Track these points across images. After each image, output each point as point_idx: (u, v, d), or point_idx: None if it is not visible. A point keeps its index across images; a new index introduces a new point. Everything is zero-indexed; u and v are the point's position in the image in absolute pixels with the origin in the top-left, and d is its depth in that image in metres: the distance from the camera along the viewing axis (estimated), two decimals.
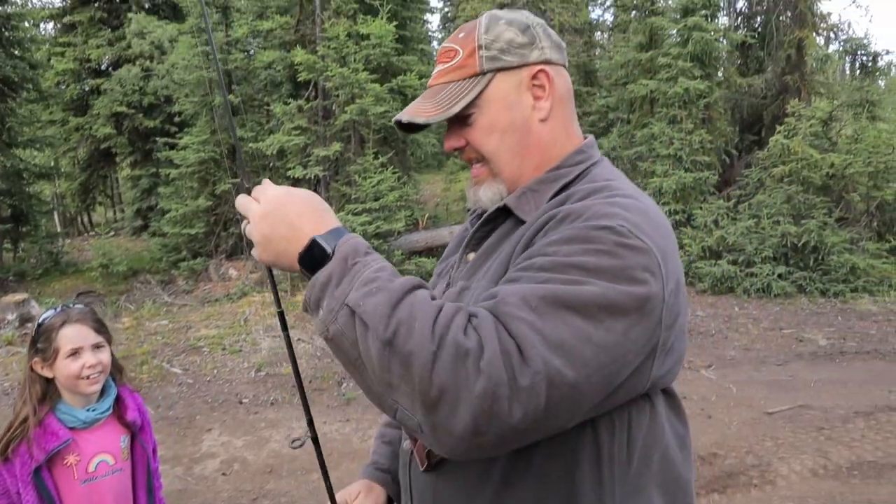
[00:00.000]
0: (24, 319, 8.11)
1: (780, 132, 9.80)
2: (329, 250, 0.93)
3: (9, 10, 11.63)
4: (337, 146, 9.90)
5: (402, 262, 9.51)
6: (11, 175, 11.60)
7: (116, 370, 2.03)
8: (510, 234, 1.12)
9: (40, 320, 1.93)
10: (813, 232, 8.97)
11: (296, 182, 11.44)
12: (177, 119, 12.79)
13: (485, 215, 1.18)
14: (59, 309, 1.94)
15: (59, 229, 14.98)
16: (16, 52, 11.49)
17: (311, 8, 10.90)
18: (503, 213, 1.15)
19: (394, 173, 9.68)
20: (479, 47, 1.12)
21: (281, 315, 1.21)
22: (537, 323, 0.83)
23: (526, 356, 0.80)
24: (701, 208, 10.03)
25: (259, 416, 5.73)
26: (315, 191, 9.89)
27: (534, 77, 1.13)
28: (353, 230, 10.03)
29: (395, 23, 10.03)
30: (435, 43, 22.77)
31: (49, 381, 1.89)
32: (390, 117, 9.95)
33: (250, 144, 10.58)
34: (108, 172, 16.72)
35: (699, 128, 10.55)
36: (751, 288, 8.98)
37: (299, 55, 9.68)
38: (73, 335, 1.88)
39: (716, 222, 9.80)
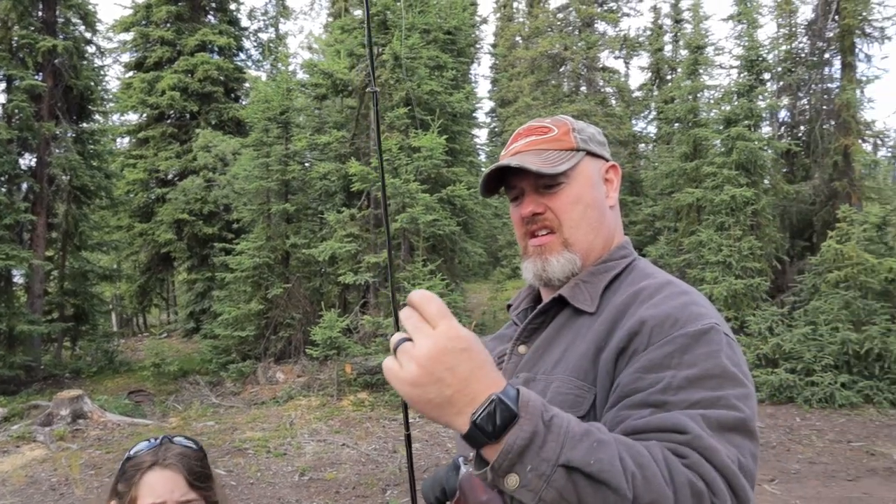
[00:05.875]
0: (77, 416, 8.26)
1: (832, 237, 9.66)
2: (515, 409, 0.81)
3: (93, 126, 12.71)
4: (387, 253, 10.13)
5: None
6: (78, 276, 12.24)
7: None
8: (570, 325, 1.15)
9: (131, 452, 1.51)
10: (876, 339, 8.61)
11: (346, 288, 11.72)
12: (234, 226, 13.41)
13: (538, 307, 1.22)
14: (156, 441, 1.51)
15: (115, 329, 15.46)
16: (94, 164, 12.41)
17: (367, 123, 11.56)
18: (557, 305, 1.19)
19: (442, 280, 9.81)
20: (573, 129, 1.24)
21: (408, 438, 1.13)
22: (730, 453, 0.89)
23: (735, 486, 0.87)
24: (754, 315, 9.80)
25: None
26: (365, 297, 10.06)
27: (607, 171, 1.26)
28: None
29: (445, 136, 10.49)
30: (483, 156, 23.66)
31: None
32: (440, 226, 10.23)
33: (303, 250, 10.95)
34: (165, 276, 17.44)
35: (748, 234, 10.50)
36: (812, 398, 8.56)
37: (354, 167, 10.16)
38: (158, 484, 1.43)
39: (770, 329, 9.52)
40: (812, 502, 5.58)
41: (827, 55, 12.08)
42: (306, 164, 12.24)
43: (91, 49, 13.16)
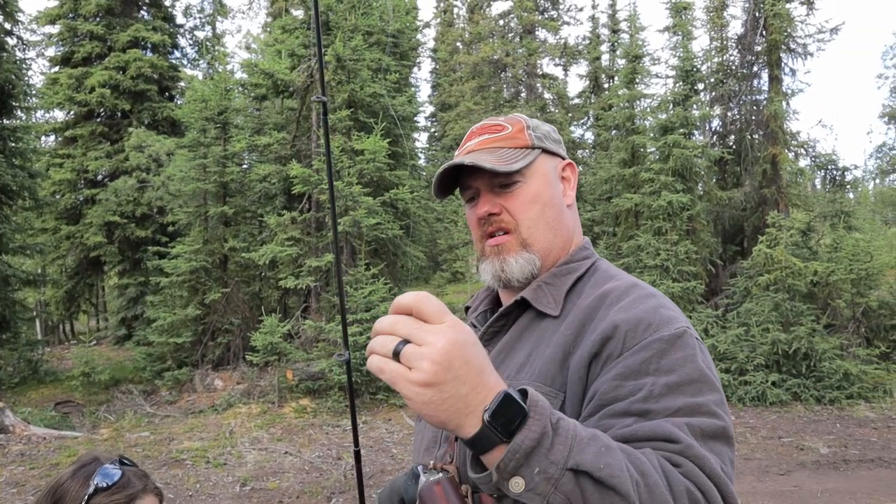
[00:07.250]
0: None
1: (762, 242, 10.08)
2: (525, 407, 0.78)
3: (15, 122, 12.02)
4: (329, 257, 9.99)
5: None
6: None
7: None
8: (533, 328, 1.13)
9: (99, 483, 1.34)
10: (803, 339, 9.02)
11: (286, 292, 11.48)
12: (169, 229, 12.94)
13: (500, 310, 1.19)
14: (111, 473, 1.37)
15: (40, 337, 14.68)
16: (16, 162, 11.74)
17: (308, 125, 11.37)
18: (518, 307, 1.16)
19: (385, 284, 9.73)
20: (528, 127, 1.20)
21: (357, 454, 1.07)
22: (717, 460, 0.89)
23: (726, 494, 0.88)
24: (690, 317, 10.11)
25: None
26: (306, 301, 9.88)
27: (563, 169, 1.23)
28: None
29: (387, 140, 10.42)
30: (423, 160, 23.67)
31: None
32: (382, 229, 10.16)
33: (242, 254, 10.67)
34: (94, 281, 16.63)
35: (684, 239, 10.82)
36: (746, 396, 8.90)
37: (295, 169, 9.97)
38: None
39: (706, 331, 9.84)
40: (748, 497, 5.78)
41: (755, 68, 12.63)
42: (245, 166, 11.92)
43: (12, 41, 12.45)
